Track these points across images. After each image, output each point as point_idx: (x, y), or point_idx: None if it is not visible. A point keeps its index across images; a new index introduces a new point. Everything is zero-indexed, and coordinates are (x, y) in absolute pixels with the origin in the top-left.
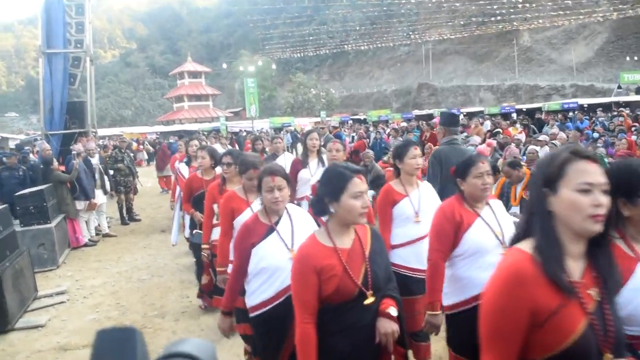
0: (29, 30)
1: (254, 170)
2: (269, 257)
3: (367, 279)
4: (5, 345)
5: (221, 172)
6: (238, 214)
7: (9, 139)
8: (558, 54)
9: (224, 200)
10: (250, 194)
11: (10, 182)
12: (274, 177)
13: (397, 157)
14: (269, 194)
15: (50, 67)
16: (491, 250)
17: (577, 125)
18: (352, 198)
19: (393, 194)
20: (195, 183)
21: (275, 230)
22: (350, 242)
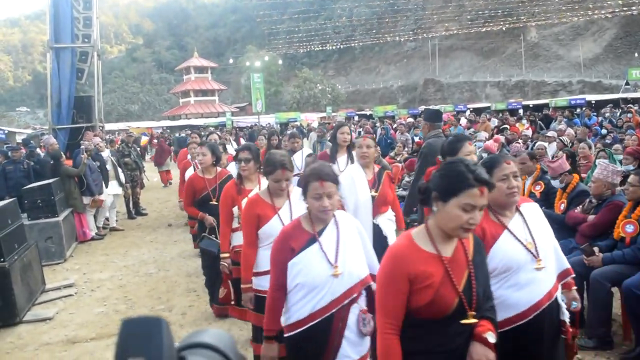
0: (35, 25)
1: (282, 171)
2: (308, 271)
3: (471, 294)
4: (14, 337)
5: (238, 169)
6: (264, 222)
7: (16, 133)
8: (565, 50)
9: (248, 205)
10: (277, 197)
11: (15, 176)
12: (323, 183)
13: (449, 154)
14: (317, 202)
15: (58, 61)
16: (523, 266)
17: (585, 122)
18: (461, 209)
19: None
20: (197, 183)
21: (318, 241)
22: (452, 250)
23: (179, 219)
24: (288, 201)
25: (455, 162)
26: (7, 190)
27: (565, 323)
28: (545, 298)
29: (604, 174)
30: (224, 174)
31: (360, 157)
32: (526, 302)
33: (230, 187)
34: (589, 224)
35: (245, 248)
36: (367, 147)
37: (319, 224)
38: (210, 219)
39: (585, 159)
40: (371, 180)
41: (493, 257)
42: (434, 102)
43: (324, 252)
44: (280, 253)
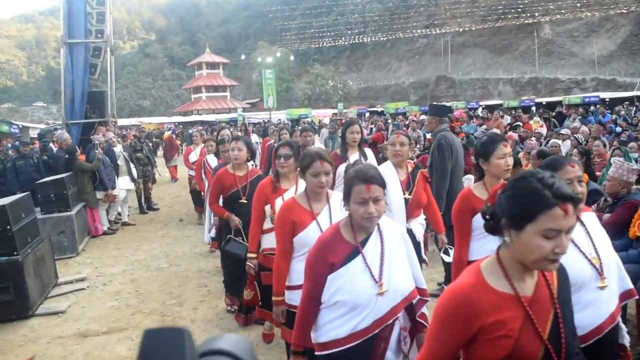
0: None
1: (320, 162)
2: (350, 288)
3: (560, 341)
4: (27, 330)
5: (276, 166)
6: (300, 229)
7: (29, 128)
8: (579, 47)
9: (282, 210)
10: (315, 202)
11: (26, 170)
12: (370, 186)
13: (482, 156)
14: (362, 208)
15: (71, 57)
16: (587, 284)
17: (599, 119)
18: (542, 236)
19: (473, 200)
20: (226, 180)
21: (361, 254)
22: (533, 287)
23: (190, 214)
24: (327, 206)
25: (525, 177)
26: (19, 185)
27: (625, 348)
28: (608, 321)
29: (620, 172)
30: (255, 173)
31: (393, 155)
32: (587, 325)
33: (265, 184)
34: (603, 222)
35: (278, 258)
36: (400, 144)
37: (361, 233)
38: (236, 220)
39: (600, 157)
40: (404, 180)
41: None
42: (446, 99)
43: (368, 266)
44: (317, 264)
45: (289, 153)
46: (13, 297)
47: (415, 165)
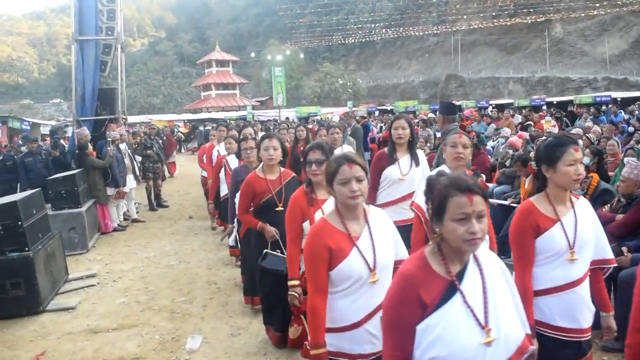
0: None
1: (349, 166)
2: (451, 338)
3: None
4: (37, 326)
5: (306, 174)
6: (339, 260)
7: (40, 125)
8: (591, 46)
9: (313, 235)
10: (351, 220)
11: (35, 167)
12: (473, 197)
13: (546, 161)
14: (462, 226)
15: (82, 54)
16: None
17: (612, 119)
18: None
19: (536, 216)
20: (257, 185)
21: (459, 291)
22: None
23: (199, 211)
24: (367, 227)
25: None
26: (28, 181)
27: None
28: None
29: (634, 172)
30: (288, 175)
31: (454, 159)
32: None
33: (298, 197)
34: (617, 223)
35: (312, 297)
36: (463, 146)
37: (455, 263)
38: (272, 231)
39: (613, 156)
40: None
41: None
42: (456, 98)
43: (470, 307)
44: (406, 310)
45: (321, 157)
46: (24, 292)
47: (473, 172)
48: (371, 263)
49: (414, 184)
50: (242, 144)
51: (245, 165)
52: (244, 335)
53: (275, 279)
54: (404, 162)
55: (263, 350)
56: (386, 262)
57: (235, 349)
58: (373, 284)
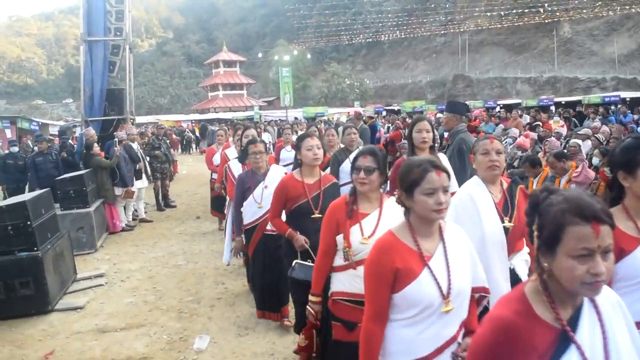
0: (68, 19)
1: (437, 173)
2: None
3: None
4: (46, 325)
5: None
6: (407, 281)
7: (49, 125)
8: (599, 46)
9: (379, 251)
10: (425, 238)
11: (45, 167)
12: (600, 228)
13: (624, 167)
14: (582, 265)
15: (90, 54)
16: None
17: (620, 119)
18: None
19: (618, 238)
20: (293, 189)
21: (575, 344)
22: None
23: (207, 211)
24: (442, 244)
25: None
26: (38, 181)
27: None
28: None
29: None
30: (328, 180)
31: (488, 167)
32: None
33: (338, 206)
34: None
35: (369, 322)
36: (497, 152)
37: (566, 307)
38: (301, 240)
39: None
40: (501, 202)
41: None
42: (463, 98)
43: None
44: None
45: (372, 165)
46: (33, 292)
47: (511, 180)
48: (445, 288)
49: None
50: (251, 147)
51: (252, 171)
52: (251, 335)
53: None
54: None
55: (270, 350)
56: (462, 288)
57: (242, 349)
58: (445, 314)
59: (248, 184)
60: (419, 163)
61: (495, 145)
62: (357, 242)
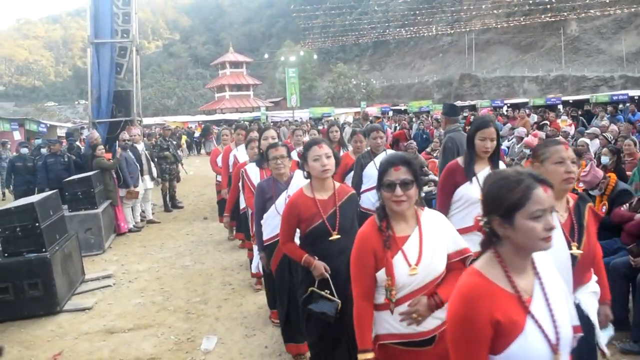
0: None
1: (544, 189)
2: None
3: None
4: (54, 326)
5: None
6: (510, 337)
7: (57, 127)
8: (607, 44)
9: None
10: (519, 274)
11: (56, 168)
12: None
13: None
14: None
15: (97, 56)
16: None
17: (629, 118)
18: None
19: None
20: (304, 208)
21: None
22: None
23: (214, 212)
24: (538, 281)
25: None
26: (48, 182)
27: None
28: None
29: None
30: (345, 192)
31: (564, 180)
32: None
33: (369, 234)
34: (636, 222)
35: None
36: (572, 162)
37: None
38: (321, 267)
39: (631, 156)
40: (567, 223)
41: None
42: (470, 98)
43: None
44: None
45: (408, 177)
46: (41, 293)
47: (578, 196)
48: (553, 338)
49: None
50: (271, 151)
51: (273, 179)
52: (259, 336)
53: (325, 322)
54: (483, 176)
55: (277, 351)
56: (569, 334)
57: (250, 349)
58: None
59: (269, 193)
60: (518, 177)
61: (571, 153)
62: (404, 275)
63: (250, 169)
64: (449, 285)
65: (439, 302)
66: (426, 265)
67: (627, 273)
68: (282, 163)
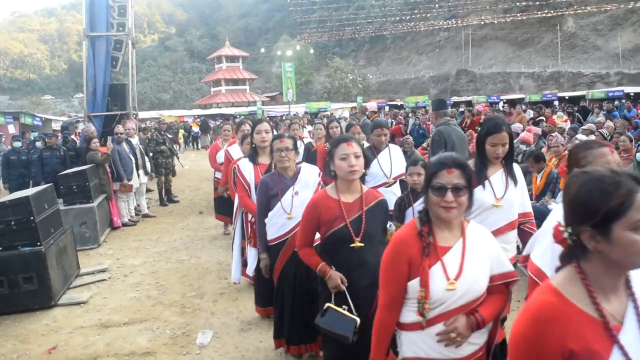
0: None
1: None
2: None
3: None
4: (49, 320)
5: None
6: None
7: (52, 120)
8: (604, 41)
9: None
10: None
11: (52, 162)
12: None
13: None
14: None
15: (93, 50)
16: None
17: (625, 114)
18: None
19: None
20: (326, 209)
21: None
22: None
23: (210, 206)
24: (632, 304)
25: None
26: (43, 175)
27: None
28: None
29: None
30: (373, 197)
31: None
32: None
33: (406, 239)
34: None
35: None
36: None
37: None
38: (337, 279)
39: (627, 152)
40: None
41: None
42: (466, 93)
43: None
44: None
45: (461, 182)
46: (36, 287)
47: None
48: None
49: (513, 210)
50: (276, 143)
51: (278, 173)
52: (254, 330)
53: (339, 342)
54: (496, 181)
55: (273, 345)
56: None
57: (246, 344)
58: None
59: (274, 189)
60: (616, 179)
61: (616, 156)
62: (440, 288)
63: (243, 165)
64: (490, 307)
65: (480, 321)
66: (466, 282)
67: None
68: (286, 156)
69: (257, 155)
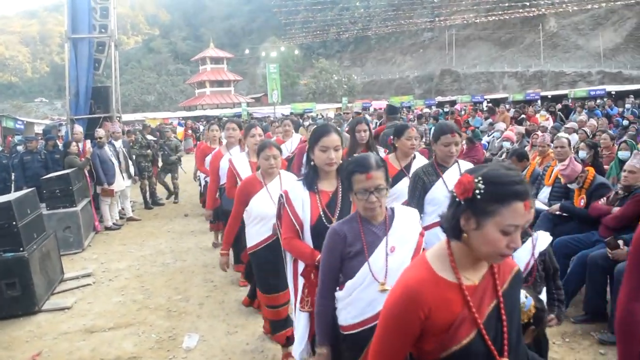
0: (53, 16)
1: None
2: None
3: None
4: (33, 326)
5: None
6: None
7: (34, 124)
8: (585, 40)
9: None
10: None
11: (33, 166)
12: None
13: None
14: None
15: (75, 52)
16: None
17: (607, 112)
18: None
19: None
20: None
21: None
22: None
23: (195, 209)
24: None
25: None
26: (25, 180)
27: None
28: None
29: None
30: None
31: None
32: None
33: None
34: (613, 215)
35: None
36: None
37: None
38: None
39: (608, 150)
40: None
41: None
42: (451, 93)
43: None
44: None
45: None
46: (19, 293)
47: None
48: None
49: None
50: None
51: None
52: (241, 333)
53: None
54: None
55: (260, 347)
56: None
57: (232, 346)
58: None
59: (357, 244)
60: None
61: None
62: None
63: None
64: None
65: None
66: None
67: (605, 265)
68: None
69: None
